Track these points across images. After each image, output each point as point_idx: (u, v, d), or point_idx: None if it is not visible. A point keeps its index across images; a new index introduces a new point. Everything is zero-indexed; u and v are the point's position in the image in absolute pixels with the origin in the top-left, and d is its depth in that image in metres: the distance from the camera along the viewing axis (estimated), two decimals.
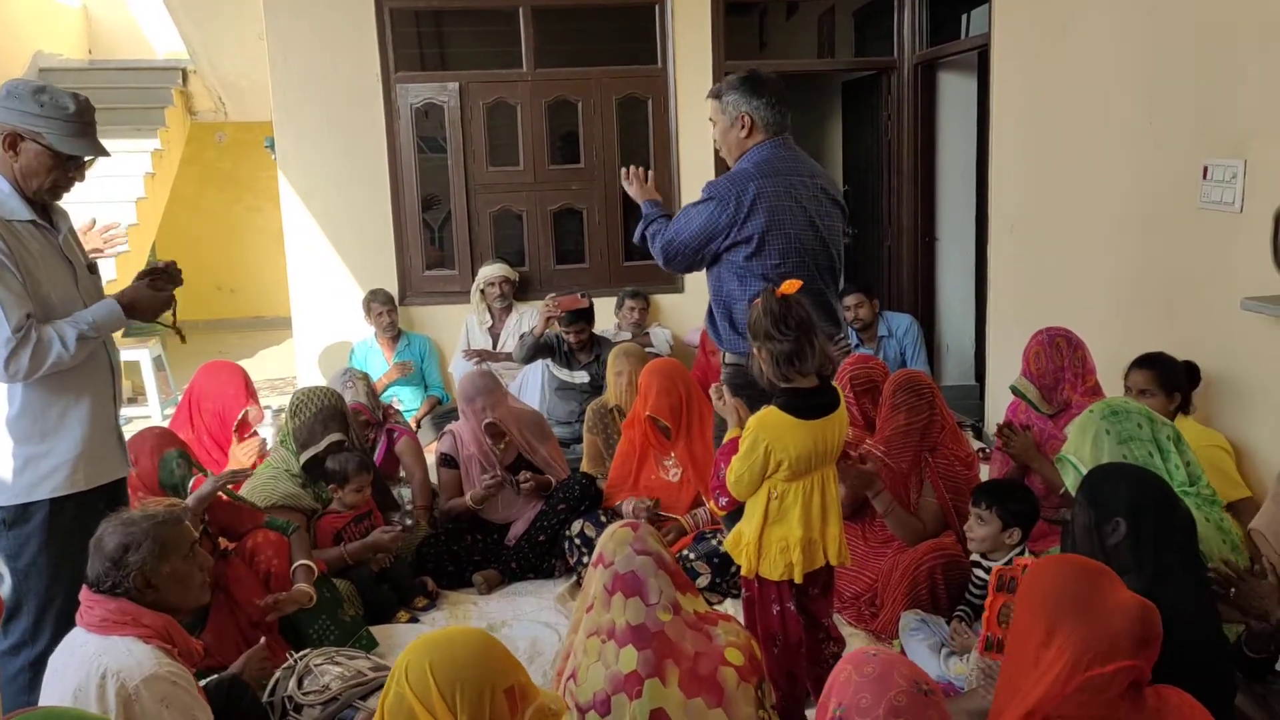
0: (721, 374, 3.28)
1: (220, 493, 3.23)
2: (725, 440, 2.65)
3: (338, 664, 2.76)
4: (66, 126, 2.52)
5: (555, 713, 1.85)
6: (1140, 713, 1.72)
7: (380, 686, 2.61)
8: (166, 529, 2.27)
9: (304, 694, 2.66)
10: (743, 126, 3.19)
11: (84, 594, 2.23)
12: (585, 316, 5.23)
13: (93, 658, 2.11)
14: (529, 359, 5.34)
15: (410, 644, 1.84)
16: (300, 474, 3.66)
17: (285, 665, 2.77)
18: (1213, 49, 3.44)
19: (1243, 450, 3.37)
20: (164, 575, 2.23)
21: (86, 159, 2.62)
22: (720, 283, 3.23)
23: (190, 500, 3.04)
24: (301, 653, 2.83)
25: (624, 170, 3.48)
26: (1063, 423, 3.46)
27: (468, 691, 1.73)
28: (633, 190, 3.43)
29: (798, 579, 2.52)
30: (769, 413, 2.49)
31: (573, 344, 5.30)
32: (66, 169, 2.58)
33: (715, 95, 3.26)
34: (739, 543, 2.58)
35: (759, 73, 3.26)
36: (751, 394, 2.77)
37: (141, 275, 2.74)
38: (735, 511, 2.64)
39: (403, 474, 4.51)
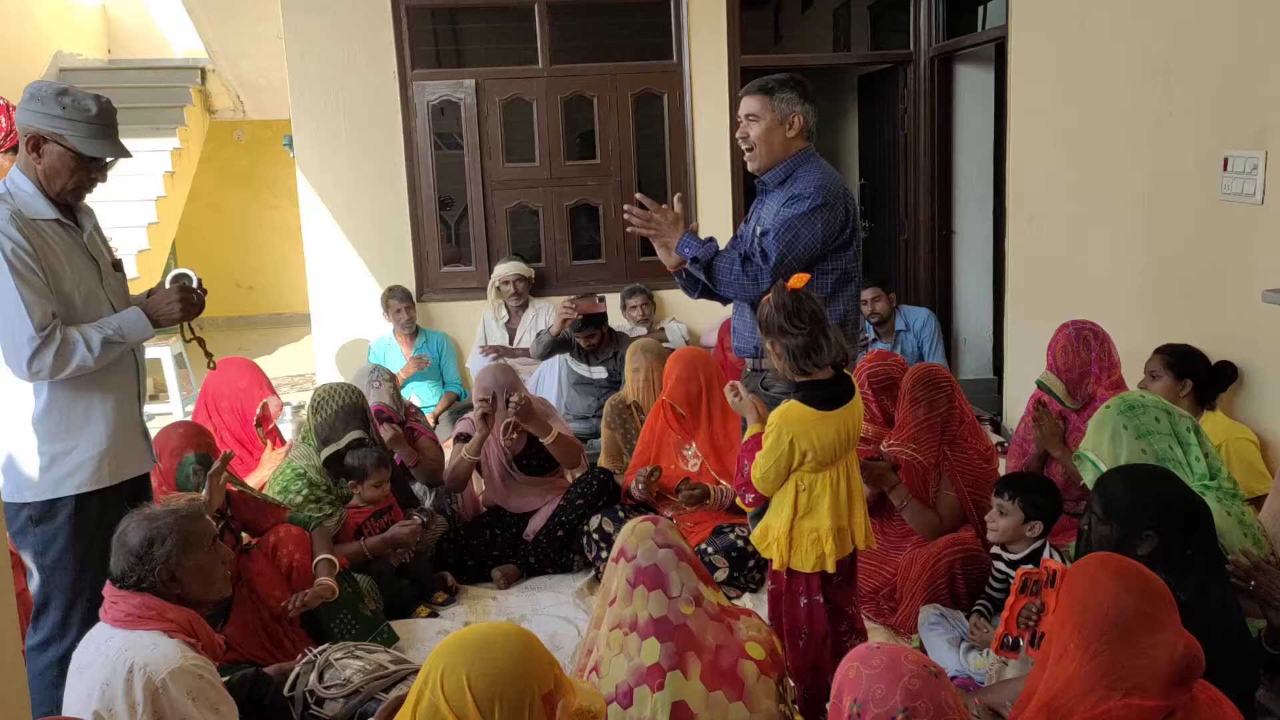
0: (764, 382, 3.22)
1: (240, 489, 3.27)
2: (746, 437, 2.66)
3: (358, 658, 2.77)
4: (89, 128, 2.54)
5: (595, 714, 1.77)
6: (1170, 712, 1.71)
7: (401, 679, 2.63)
8: (189, 523, 2.29)
9: (325, 687, 2.67)
10: (791, 126, 3.12)
11: (108, 589, 2.26)
12: (597, 321, 5.24)
13: (119, 652, 2.13)
14: (546, 355, 5.37)
15: (443, 645, 1.71)
16: (322, 469, 3.69)
17: (305, 660, 2.79)
18: (1232, 39, 3.42)
19: (1265, 443, 3.36)
20: (188, 568, 2.25)
21: (109, 160, 2.65)
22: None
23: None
24: (321, 647, 2.85)
25: (641, 207, 3.18)
26: (1087, 416, 3.45)
27: (507, 704, 1.63)
28: (665, 240, 3.17)
29: (830, 568, 2.53)
30: (791, 407, 2.49)
31: (583, 348, 5.32)
32: (89, 170, 2.61)
33: (765, 90, 3.13)
34: (766, 537, 2.59)
35: (803, 79, 3.19)
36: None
37: (174, 285, 2.77)
38: (760, 509, 2.64)
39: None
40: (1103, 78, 4.24)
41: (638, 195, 3.24)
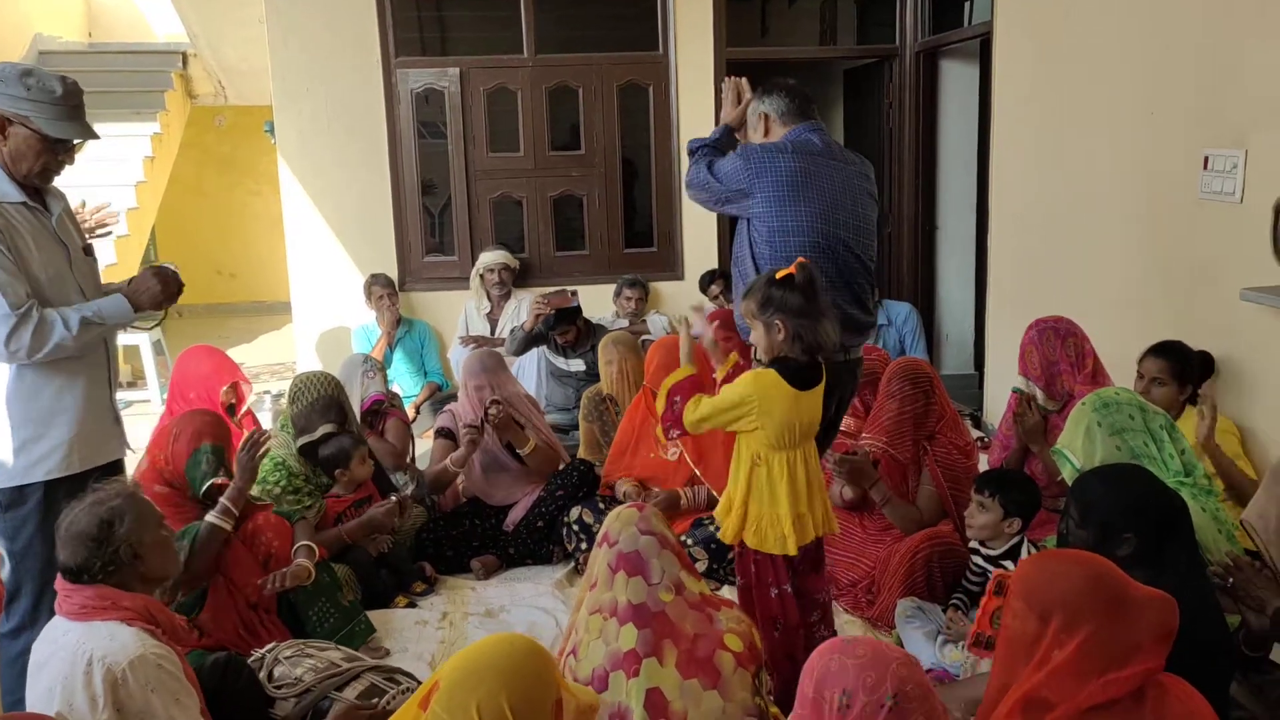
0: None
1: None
2: (681, 377, 2.63)
3: (309, 656, 2.72)
4: (54, 110, 2.51)
5: (594, 707, 1.80)
6: (1141, 704, 1.72)
7: (354, 677, 2.60)
8: (139, 500, 2.25)
9: (276, 687, 2.61)
10: (762, 127, 3.19)
11: (59, 584, 2.19)
12: (570, 318, 5.23)
13: (76, 645, 2.08)
14: (521, 351, 5.35)
15: (464, 671, 1.65)
16: (300, 458, 3.67)
17: (254, 658, 2.73)
18: (1215, 39, 3.44)
19: (1245, 438, 3.38)
20: (149, 544, 2.20)
21: (76, 142, 2.61)
22: (751, 245, 3.14)
23: (226, 498, 3.01)
24: (269, 645, 2.79)
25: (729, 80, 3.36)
26: (1068, 414, 3.46)
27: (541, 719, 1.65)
28: (728, 106, 3.32)
29: (791, 551, 2.53)
30: (766, 373, 2.50)
31: (559, 344, 5.31)
32: (55, 152, 2.57)
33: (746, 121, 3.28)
34: (729, 511, 2.60)
35: (770, 81, 3.26)
36: None
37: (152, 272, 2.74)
38: None
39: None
40: (1086, 75, 4.26)
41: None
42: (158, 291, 2.67)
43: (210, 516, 2.96)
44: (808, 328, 2.49)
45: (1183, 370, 3.36)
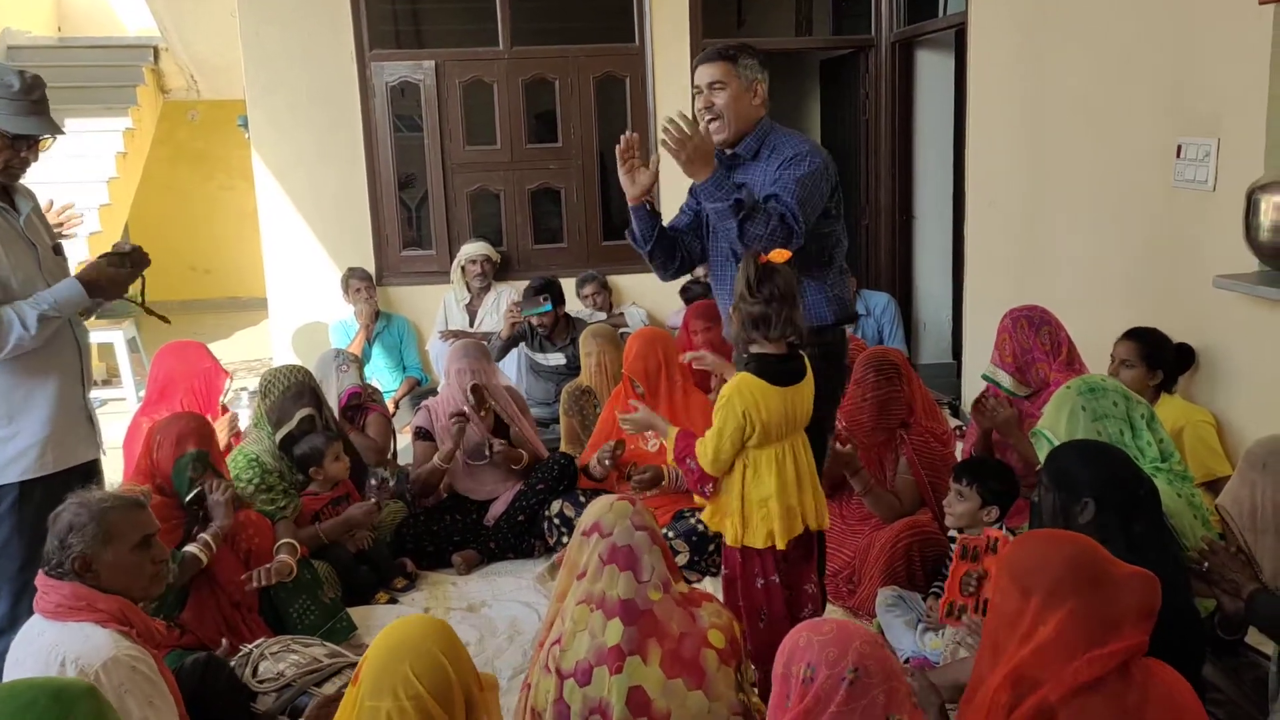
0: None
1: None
2: (674, 439, 2.63)
3: (294, 651, 2.73)
4: (13, 105, 2.48)
5: (495, 685, 1.95)
6: (1128, 685, 1.74)
7: (335, 673, 2.61)
8: (116, 514, 2.18)
9: (259, 682, 2.62)
10: (756, 94, 3.03)
11: (39, 578, 2.18)
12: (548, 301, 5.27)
13: (50, 648, 2.06)
14: (501, 356, 5.35)
15: (384, 649, 1.77)
16: (277, 454, 3.65)
17: (240, 654, 2.73)
18: (1187, 27, 3.46)
19: (1218, 424, 3.41)
20: (105, 562, 2.15)
21: (41, 138, 2.58)
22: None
23: (209, 534, 3.00)
24: (257, 641, 2.80)
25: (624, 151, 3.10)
26: (1040, 402, 3.47)
27: (472, 674, 1.79)
28: (694, 169, 2.94)
29: (780, 544, 2.53)
30: (744, 378, 2.50)
31: (538, 332, 5.32)
32: (18, 149, 2.54)
33: (728, 57, 2.99)
34: (718, 513, 2.60)
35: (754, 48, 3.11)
36: None
37: (103, 255, 2.70)
38: None
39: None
40: (1061, 65, 4.28)
41: (680, 112, 3.01)
42: (121, 282, 2.62)
43: (191, 548, 2.94)
44: (750, 316, 2.49)
45: (1152, 355, 3.39)
